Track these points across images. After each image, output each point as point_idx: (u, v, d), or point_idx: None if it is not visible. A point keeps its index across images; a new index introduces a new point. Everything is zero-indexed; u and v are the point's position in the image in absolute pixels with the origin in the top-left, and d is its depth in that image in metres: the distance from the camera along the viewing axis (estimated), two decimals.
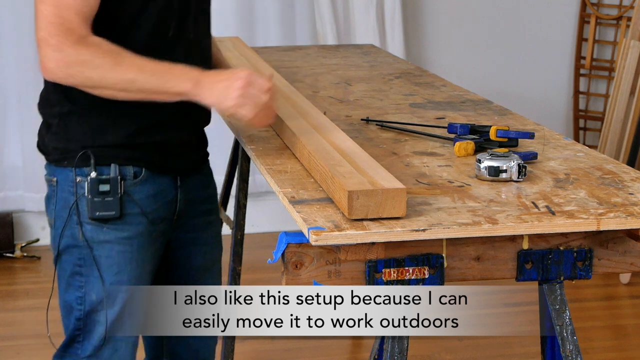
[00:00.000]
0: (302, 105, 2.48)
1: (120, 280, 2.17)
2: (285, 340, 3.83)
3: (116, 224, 2.15)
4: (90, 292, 2.18)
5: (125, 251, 2.16)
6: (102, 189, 2.13)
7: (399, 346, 1.86)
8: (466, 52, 5.15)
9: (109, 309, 2.17)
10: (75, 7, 1.99)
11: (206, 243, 2.39)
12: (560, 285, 1.92)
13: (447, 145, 2.31)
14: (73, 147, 2.15)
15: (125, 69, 1.99)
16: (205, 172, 2.37)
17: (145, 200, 2.18)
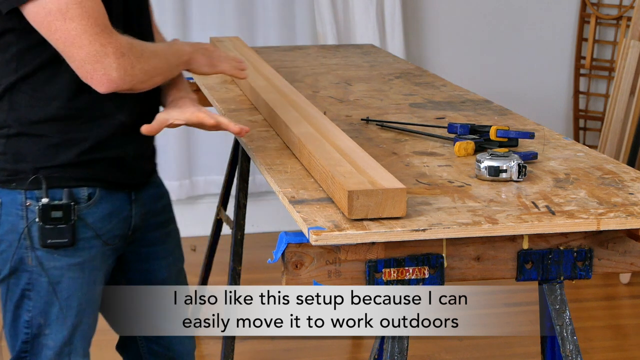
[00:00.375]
0: (302, 105, 2.48)
1: (70, 305, 2.10)
2: (285, 340, 3.83)
3: (67, 250, 2.07)
4: (38, 317, 2.11)
5: (76, 277, 2.10)
6: (54, 216, 2.04)
7: (399, 346, 1.86)
8: (466, 52, 5.15)
9: (59, 334, 2.12)
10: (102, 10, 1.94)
11: (167, 255, 2.33)
12: (560, 285, 1.92)
13: (447, 145, 2.31)
14: (23, 169, 2.05)
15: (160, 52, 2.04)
16: (157, 183, 2.30)
17: (100, 222, 2.10)
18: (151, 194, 2.25)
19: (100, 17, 1.93)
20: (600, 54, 5.30)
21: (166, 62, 2.06)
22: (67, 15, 1.91)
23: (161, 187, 2.32)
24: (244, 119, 2.58)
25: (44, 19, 1.92)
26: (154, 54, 2.02)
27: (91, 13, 1.91)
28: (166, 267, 2.32)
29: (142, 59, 1.97)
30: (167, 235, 2.32)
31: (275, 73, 2.88)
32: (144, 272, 2.30)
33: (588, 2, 5.18)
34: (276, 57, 3.49)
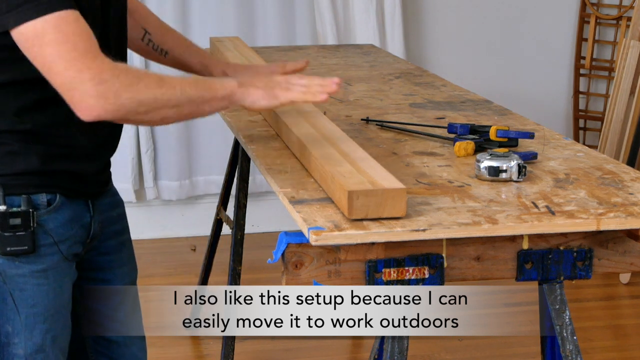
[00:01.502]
0: (302, 105, 2.48)
1: (37, 312, 2.06)
2: (285, 340, 3.83)
3: (29, 257, 2.02)
4: (5, 325, 2.06)
5: (40, 284, 2.05)
6: (12, 223, 1.98)
7: (399, 346, 1.86)
8: (466, 52, 5.15)
9: (28, 341, 2.07)
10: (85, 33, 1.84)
11: (122, 265, 2.28)
12: (560, 285, 1.92)
13: (447, 145, 2.31)
14: None
15: (172, 83, 1.89)
16: (112, 191, 2.26)
17: (60, 228, 2.06)
18: (107, 202, 2.21)
19: (80, 42, 1.83)
20: (600, 54, 5.30)
21: (183, 94, 1.91)
22: (43, 40, 1.83)
23: (116, 195, 2.27)
24: (244, 119, 2.58)
25: (24, 46, 1.86)
26: (160, 84, 1.88)
27: (69, 37, 1.83)
28: (120, 277, 2.28)
29: (134, 88, 1.85)
30: (122, 244, 2.28)
31: None
32: (101, 281, 2.25)
33: (588, 2, 5.17)
34: (276, 57, 3.49)
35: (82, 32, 1.84)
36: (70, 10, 1.83)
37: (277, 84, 2.02)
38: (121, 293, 2.29)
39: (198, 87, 1.94)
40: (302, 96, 2.03)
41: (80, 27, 1.84)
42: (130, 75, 1.86)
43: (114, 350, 2.31)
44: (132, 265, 2.33)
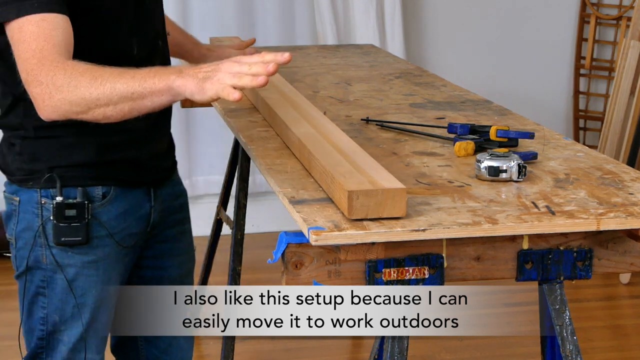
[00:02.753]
0: (302, 105, 2.48)
1: (84, 302, 2.12)
2: (285, 340, 3.83)
3: (82, 248, 2.09)
4: (53, 314, 2.14)
5: (90, 275, 2.11)
6: (68, 214, 2.05)
7: (399, 346, 1.86)
8: (466, 52, 5.15)
9: (73, 330, 2.14)
10: (42, 34, 1.88)
11: (181, 253, 2.35)
12: (560, 285, 1.92)
13: (447, 145, 2.31)
14: (38, 168, 2.07)
15: (103, 80, 1.84)
16: (175, 180, 2.32)
17: (114, 220, 2.12)
18: (170, 192, 2.27)
19: (36, 40, 1.87)
20: (600, 54, 5.30)
21: (113, 92, 1.84)
22: (12, 40, 1.92)
23: (180, 185, 2.34)
24: (244, 119, 2.58)
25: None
26: (90, 83, 1.84)
27: (28, 35, 1.88)
28: (178, 266, 2.34)
29: (64, 89, 1.85)
30: (182, 233, 2.35)
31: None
32: (157, 268, 2.31)
33: (588, 2, 5.17)
34: None
35: (45, 32, 1.88)
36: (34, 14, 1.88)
37: (212, 73, 1.80)
38: (176, 282, 2.34)
39: (130, 83, 1.84)
40: (229, 88, 1.77)
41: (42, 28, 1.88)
42: (65, 76, 1.85)
43: (163, 339, 2.37)
44: (189, 255, 2.40)
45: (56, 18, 1.90)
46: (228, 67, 1.79)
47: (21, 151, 2.10)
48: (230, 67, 1.79)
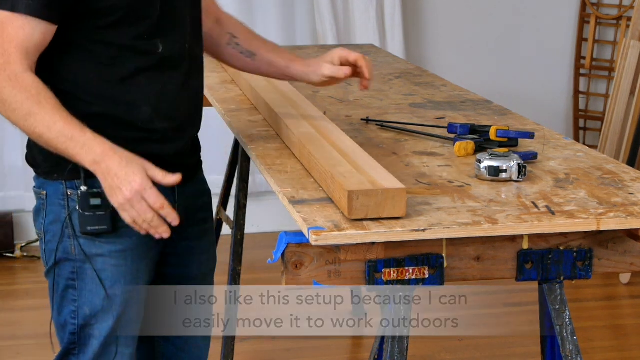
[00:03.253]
0: (302, 105, 2.48)
1: (114, 293, 2.13)
2: (285, 340, 3.83)
3: (109, 238, 2.11)
4: (84, 306, 2.15)
5: (119, 265, 2.13)
6: (93, 203, 2.08)
7: (399, 346, 1.86)
8: (466, 52, 5.15)
9: (104, 323, 2.14)
10: (16, 40, 1.95)
11: (202, 252, 2.36)
12: (560, 285, 1.92)
13: (447, 145, 2.31)
14: (63, 160, 2.08)
15: (36, 122, 1.95)
16: (199, 179, 2.34)
17: None
18: (194, 190, 2.29)
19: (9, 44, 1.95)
20: (600, 54, 5.30)
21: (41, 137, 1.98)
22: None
23: (204, 184, 2.36)
24: (244, 119, 2.58)
25: None
26: (26, 119, 1.96)
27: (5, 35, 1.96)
28: (199, 264, 2.35)
29: (7, 106, 1.96)
30: (204, 232, 2.36)
31: None
32: (179, 266, 2.32)
33: (588, 2, 5.18)
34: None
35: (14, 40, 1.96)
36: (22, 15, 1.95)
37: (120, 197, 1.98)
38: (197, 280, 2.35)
39: (58, 141, 1.96)
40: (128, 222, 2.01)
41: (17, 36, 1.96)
42: (12, 94, 1.96)
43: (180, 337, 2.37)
44: (211, 255, 2.41)
45: (38, 26, 1.97)
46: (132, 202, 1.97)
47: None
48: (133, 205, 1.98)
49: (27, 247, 4.72)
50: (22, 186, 4.76)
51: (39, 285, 4.29)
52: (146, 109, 2.08)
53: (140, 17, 2.04)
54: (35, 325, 3.88)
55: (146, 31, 2.05)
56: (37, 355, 3.65)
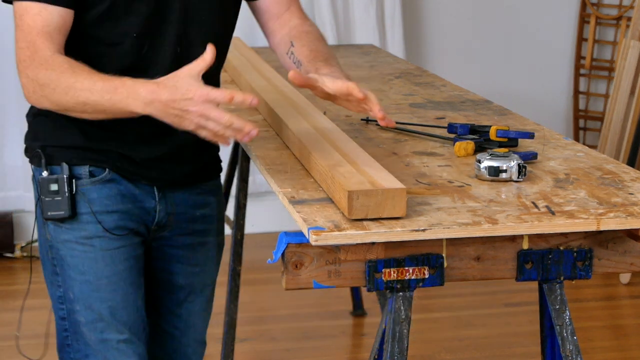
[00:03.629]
0: (302, 105, 2.48)
1: (88, 280, 2.14)
2: (285, 340, 3.83)
3: (72, 224, 2.13)
4: (67, 292, 2.16)
5: (86, 251, 2.13)
6: (52, 189, 2.11)
7: (399, 346, 1.86)
8: (466, 52, 5.15)
9: (87, 309, 2.14)
10: (36, 27, 1.96)
11: (195, 264, 2.32)
12: (560, 285, 1.92)
13: (447, 145, 2.31)
14: (35, 146, 2.15)
15: (76, 91, 1.92)
16: (202, 190, 2.29)
17: (106, 199, 2.13)
18: (188, 198, 2.25)
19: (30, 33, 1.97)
20: (600, 54, 5.30)
21: (87, 104, 1.93)
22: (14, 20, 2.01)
23: (208, 196, 2.30)
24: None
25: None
26: (68, 91, 1.93)
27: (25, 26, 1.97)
28: (186, 275, 2.31)
29: (45, 90, 1.95)
30: (201, 245, 2.31)
31: (275, 73, 2.88)
32: (163, 271, 2.30)
33: (588, 2, 5.17)
34: (276, 57, 3.48)
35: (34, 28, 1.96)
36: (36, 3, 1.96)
37: (184, 115, 1.85)
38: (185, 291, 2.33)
39: (103, 100, 1.90)
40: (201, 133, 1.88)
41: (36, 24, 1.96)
42: (48, 75, 1.95)
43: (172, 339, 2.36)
44: (207, 269, 2.35)
45: (55, 10, 1.97)
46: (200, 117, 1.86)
47: (29, 129, 2.19)
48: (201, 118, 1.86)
49: (27, 247, 4.72)
50: (22, 186, 4.76)
51: (38, 285, 4.28)
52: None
53: (127, 12, 2.03)
54: (35, 325, 3.88)
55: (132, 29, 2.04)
56: (37, 356, 3.65)
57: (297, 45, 2.23)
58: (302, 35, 2.25)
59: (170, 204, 2.21)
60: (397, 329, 1.85)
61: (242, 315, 3.72)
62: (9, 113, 4.71)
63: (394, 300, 1.85)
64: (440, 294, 3.91)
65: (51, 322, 2.33)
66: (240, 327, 3.59)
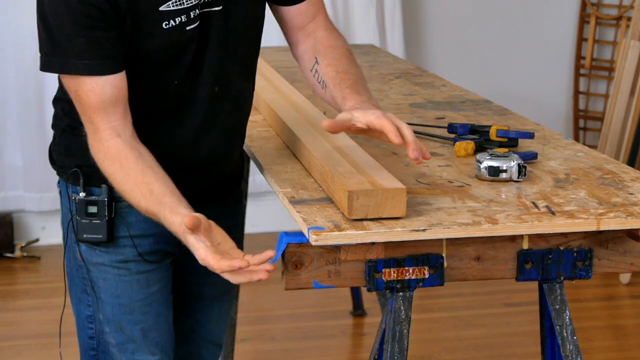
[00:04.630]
0: (302, 105, 2.48)
1: (122, 303, 2.10)
2: (285, 340, 3.83)
3: (108, 247, 2.08)
4: (97, 313, 2.12)
5: (121, 274, 2.09)
6: (90, 211, 2.05)
7: (399, 346, 1.86)
8: (466, 52, 5.15)
9: (118, 332, 2.11)
10: (92, 105, 1.90)
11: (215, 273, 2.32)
12: (560, 285, 1.92)
13: (447, 145, 2.31)
14: (68, 163, 2.09)
15: (125, 194, 1.89)
16: (228, 203, 2.26)
17: (143, 223, 2.08)
18: (217, 211, 2.16)
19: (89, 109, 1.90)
20: (600, 54, 5.30)
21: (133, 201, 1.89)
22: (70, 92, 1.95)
23: (232, 207, 2.28)
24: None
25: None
26: (117, 187, 1.90)
27: (73, 97, 1.92)
28: (210, 284, 2.30)
29: (102, 168, 1.91)
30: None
31: (275, 73, 2.88)
32: (191, 284, 2.28)
33: (588, 2, 5.18)
34: (276, 57, 3.49)
35: (90, 100, 1.89)
36: (73, 76, 1.89)
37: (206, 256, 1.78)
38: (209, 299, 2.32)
39: (148, 207, 1.87)
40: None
41: (78, 96, 1.90)
42: (100, 159, 1.91)
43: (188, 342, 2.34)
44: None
45: (107, 82, 1.89)
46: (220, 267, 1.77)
47: (59, 142, 2.11)
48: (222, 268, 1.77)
49: (27, 247, 4.72)
50: (22, 186, 4.76)
51: (38, 285, 4.29)
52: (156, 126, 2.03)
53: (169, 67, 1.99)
54: (35, 325, 3.87)
55: (174, 78, 1.99)
56: (37, 355, 3.65)
57: (322, 64, 2.13)
58: (327, 51, 2.15)
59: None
60: (397, 329, 1.85)
61: (242, 315, 3.72)
62: (9, 113, 4.71)
63: (394, 300, 1.85)
64: (440, 294, 3.92)
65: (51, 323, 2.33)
66: (240, 327, 3.59)
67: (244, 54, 2.09)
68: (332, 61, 2.12)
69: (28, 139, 4.65)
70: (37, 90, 4.65)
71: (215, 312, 2.34)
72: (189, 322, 2.32)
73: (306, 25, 2.18)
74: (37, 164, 4.64)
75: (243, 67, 2.10)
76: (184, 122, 2.03)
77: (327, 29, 2.21)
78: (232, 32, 2.02)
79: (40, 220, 4.79)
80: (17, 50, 4.61)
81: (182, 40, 1.95)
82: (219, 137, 2.08)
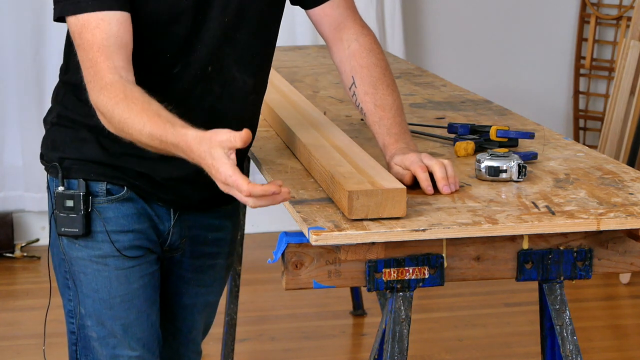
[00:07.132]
0: (302, 105, 2.48)
1: (102, 298, 2.09)
2: (285, 340, 3.83)
3: (87, 242, 2.08)
4: (79, 307, 2.12)
5: (100, 270, 2.08)
6: (67, 205, 2.05)
7: (399, 346, 1.86)
8: (466, 52, 5.15)
9: (99, 326, 2.11)
10: (96, 43, 1.87)
11: (203, 285, 2.28)
12: (560, 285, 1.92)
13: (447, 145, 2.31)
14: (52, 157, 2.09)
15: (128, 127, 1.83)
16: (219, 214, 2.23)
17: (122, 219, 2.07)
18: (203, 222, 2.21)
19: (91, 50, 1.87)
20: (600, 54, 5.30)
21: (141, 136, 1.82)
22: (73, 41, 1.93)
23: (224, 220, 2.25)
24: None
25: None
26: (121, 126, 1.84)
27: (86, 43, 1.89)
28: (191, 295, 2.28)
29: (107, 116, 1.86)
30: (210, 267, 2.27)
31: (275, 73, 2.88)
32: (172, 294, 2.27)
33: (588, 2, 5.18)
34: (276, 57, 3.47)
35: (95, 44, 1.88)
36: (92, 13, 1.88)
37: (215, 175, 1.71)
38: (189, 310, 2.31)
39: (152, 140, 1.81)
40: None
41: (95, 39, 1.88)
42: (104, 104, 1.86)
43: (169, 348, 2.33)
44: (212, 289, 2.31)
45: (113, 18, 1.88)
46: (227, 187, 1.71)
47: (46, 136, 2.12)
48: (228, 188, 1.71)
49: (27, 247, 4.72)
50: (22, 186, 4.76)
51: (38, 285, 4.29)
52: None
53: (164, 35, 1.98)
54: (35, 325, 3.88)
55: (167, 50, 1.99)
56: (37, 355, 3.65)
57: (359, 88, 2.11)
58: (363, 73, 2.13)
59: (185, 227, 2.16)
60: (397, 329, 1.85)
61: (242, 315, 3.72)
62: (9, 113, 4.71)
63: (394, 300, 1.85)
64: (440, 294, 3.92)
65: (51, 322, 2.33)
66: (240, 327, 3.59)
67: (248, 45, 2.06)
68: (370, 89, 2.11)
69: (28, 139, 4.65)
70: (37, 90, 4.65)
71: (197, 324, 2.32)
72: (172, 329, 2.30)
73: (339, 27, 2.17)
74: (37, 164, 4.61)
75: (244, 58, 2.06)
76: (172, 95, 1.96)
77: (361, 35, 2.20)
78: (235, 17, 2.01)
79: (40, 220, 4.79)
80: (17, 50, 4.61)
81: (174, 12, 1.95)
82: (204, 117, 1.99)
